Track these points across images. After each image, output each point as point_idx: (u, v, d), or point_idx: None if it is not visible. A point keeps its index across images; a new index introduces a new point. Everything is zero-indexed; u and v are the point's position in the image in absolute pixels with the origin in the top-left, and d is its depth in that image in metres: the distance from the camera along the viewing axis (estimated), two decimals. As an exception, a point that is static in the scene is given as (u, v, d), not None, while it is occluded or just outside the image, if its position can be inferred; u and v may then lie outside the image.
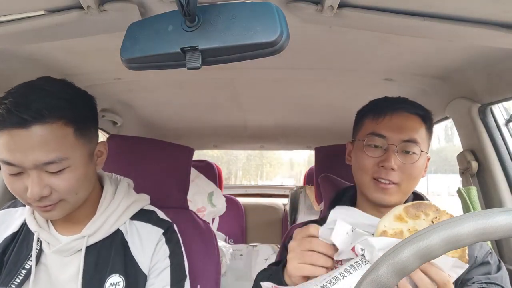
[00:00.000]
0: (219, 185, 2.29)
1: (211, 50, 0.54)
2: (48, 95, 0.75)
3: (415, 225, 0.64)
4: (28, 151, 0.72)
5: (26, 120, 0.71)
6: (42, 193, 0.75)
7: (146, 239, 0.91)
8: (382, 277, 0.45)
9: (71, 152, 0.77)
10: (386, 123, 0.89)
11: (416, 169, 0.87)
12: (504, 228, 0.42)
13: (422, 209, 0.66)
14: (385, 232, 0.64)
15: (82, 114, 0.80)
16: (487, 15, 0.67)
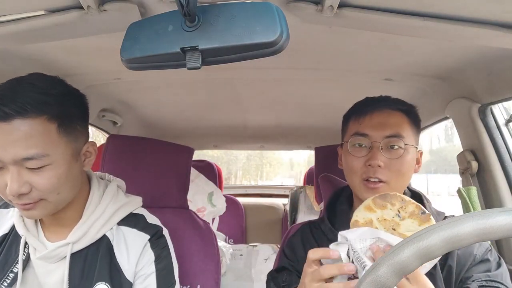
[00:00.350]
0: (219, 185, 2.29)
1: (211, 50, 0.54)
2: (34, 90, 0.74)
3: (382, 214, 0.69)
4: (8, 146, 0.71)
5: (7, 114, 0.70)
6: (21, 190, 0.72)
7: (132, 245, 0.87)
8: (382, 277, 0.45)
9: (52, 149, 0.74)
10: (367, 122, 0.90)
11: (404, 165, 0.87)
12: (504, 228, 0.42)
13: (388, 199, 0.70)
14: (357, 222, 0.70)
15: (68, 111, 0.78)
16: (487, 15, 0.67)
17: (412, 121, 0.92)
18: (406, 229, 0.67)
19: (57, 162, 0.75)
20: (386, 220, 0.68)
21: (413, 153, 0.90)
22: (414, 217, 0.68)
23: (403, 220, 0.68)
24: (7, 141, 0.71)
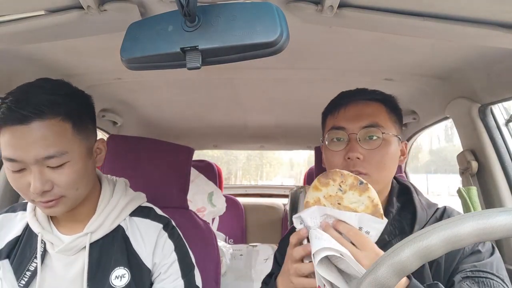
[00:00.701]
0: (219, 185, 2.29)
1: (211, 50, 0.54)
2: (46, 92, 0.79)
3: (327, 191, 0.72)
4: (29, 147, 0.75)
5: (26, 116, 0.74)
6: (44, 188, 0.77)
7: (146, 233, 0.93)
8: (382, 277, 0.45)
9: (70, 147, 0.79)
10: (342, 115, 0.88)
11: (385, 156, 0.84)
12: (504, 228, 0.42)
13: (330, 176, 0.73)
14: (308, 203, 0.73)
15: (79, 110, 0.83)
16: (487, 15, 0.67)
17: (390, 110, 0.89)
18: (349, 201, 0.70)
19: (74, 159, 0.80)
20: (331, 196, 0.72)
21: (395, 144, 0.87)
22: (354, 188, 0.70)
23: (345, 193, 0.71)
24: (28, 143, 0.75)
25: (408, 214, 0.85)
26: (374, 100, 0.89)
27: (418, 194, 0.90)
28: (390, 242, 0.82)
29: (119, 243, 0.90)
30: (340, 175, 0.72)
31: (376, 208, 0.69)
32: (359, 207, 0.69)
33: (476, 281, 0.74)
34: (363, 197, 0.69)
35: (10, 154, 0.76)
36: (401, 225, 0.84)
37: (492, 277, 0.74)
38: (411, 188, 0.91)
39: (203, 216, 1.90)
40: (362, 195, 0.70)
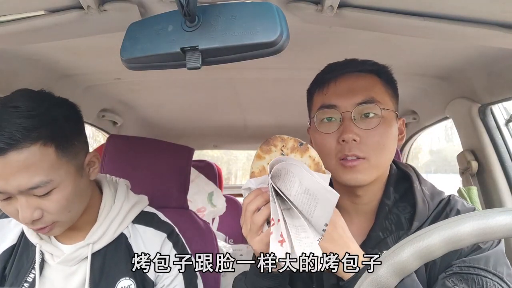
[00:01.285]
0: (219, 185, 2.29)
1: (211, 50, 0.54)
2: (21, 116, 0.69)
3: (270, 157, 0.70)
4: (9, 178, 0.69)
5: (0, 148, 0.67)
6: (33, 217, 0.72)
7: (149, 243, 0.90)
8: (382, 277, 0.45)
9: (55, 173, 0.72)
10: (333, 91, 0.76)
11: (383, 136, 0.73)
12: (504, 228, 0.42)
13: (271, 143, 0.71)
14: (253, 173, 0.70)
15: (62, 128, 0.75)
16: (486, 15, 0.67)
17: (385, 83, 0.78)
18: None
19: (62, 183, 0.74)
20: None
21: (393, 121, 0.76)
22: (295, 150, 0.69)
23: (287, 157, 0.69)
24: (8, 174, 0.69)
25: (407, 207, 0.75)
26: (366, 71, 0.78)
27: (421, 182, 0.79)
28: (384, 240, 0.74)
29: (123, 252, 0.87)
30: (280, 139, 0.71)
31: (318, 166, 0.67)
32: None
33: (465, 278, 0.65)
34: (305, 157, 0.68)
35: None
36: (398, 220, 0.75)
37: (486, 274, 0.64)
38: (412, 175, 0.79)
39: (203, 216, 1.90)
40: (303, 156, 0.68)
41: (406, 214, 0.75)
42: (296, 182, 0.62)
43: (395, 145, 0.77)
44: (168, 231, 0.93)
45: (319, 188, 0.61)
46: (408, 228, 0.73)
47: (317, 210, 0.62)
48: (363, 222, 0.81)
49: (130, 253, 0.88)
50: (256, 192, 0.66)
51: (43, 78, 0.97)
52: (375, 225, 0.77)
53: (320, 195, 0.61)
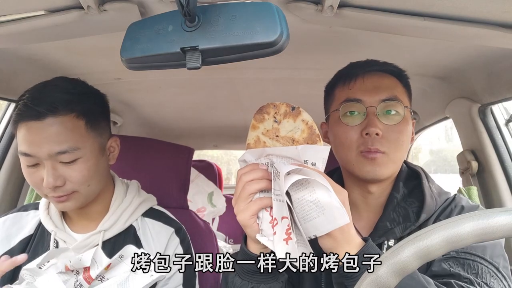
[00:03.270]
0: (219, 185, 2.29)
1: (211, 50, 0.54)
2: (61, 91, 0.82)
3: (264, 126, 0.68)
4: (43, 142, 0.78)
5: (40, 113, 0.78)
6: (56, 183, 0.79)
7: (157, 236, 0.94)
8: (382, 277, 0.45)
9: (82, 143, 0.81)
10: (359, 86, 0.79)
11: (403, 133, 0.77)
12: (504, 228, 0.42)
13: (264, 111, 0.69)
14: (249, 144, 0.69)
15: (93, 108, 0.86)
16: (487, 15, 0.67)
17: (404, 85, 0.83)
18: (285, 130, 0.67)
19: (87, 155, 0.82)
20: (268, 131, 0.68)
21: (410, 120, 0.80)
22: (288, 116, 0.68)
23: (280, 124, 0.68)
24: (41, 138, 0.78)
25: (415, 202, 0.79)
26: (389, 72, 0.82)
27: (429, 180, 0.83)
28: (392, 229, 0.76)
29: (131, 242, 0.90)
30: (273, 106, 0.69)
31: (312, 129, 0.66)
32: (295, 134, 0.67)
33: (461, 262, 0.68)
34: (298, 122, 0.67)
35: (25, 149, 0.79)
36: (405, 212, 0.78)
37: (481, 261, 0.67)
38: (421, 173, 0.83)
39: (203, 216, 1.90)
40: (296, 121, 0.67)
41: (414, 208, 0.78)
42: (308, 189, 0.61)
43: (409, 143, 0.81)
44: (176, 227, 0.97)
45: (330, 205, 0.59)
46: (415, 220, 0.76)
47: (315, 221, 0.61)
48: (372, 216, 0.83)
49: (137, 244, 0.91)
50: (252, 166, 0.66)
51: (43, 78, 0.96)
52: (383, 216, 0.79)
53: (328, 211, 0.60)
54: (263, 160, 0.67)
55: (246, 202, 0.66)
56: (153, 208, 1.00)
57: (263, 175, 0.65)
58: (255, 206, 0.65)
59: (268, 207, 0.65)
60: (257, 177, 0.65)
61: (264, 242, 0.63)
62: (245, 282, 0.69)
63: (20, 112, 0.80)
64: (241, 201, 0.66)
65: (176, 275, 0.92)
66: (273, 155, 0.66)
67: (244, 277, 0.70)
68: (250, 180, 0.65)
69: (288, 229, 0.61)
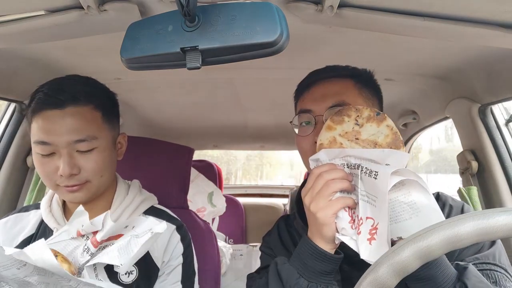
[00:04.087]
0: (219, 185, 2.29)
1: (211, 50, 0.54)
2: (80, 84, 0.87)
3: (343, 128, 0.69)
4: (62, 130, 0.81)
5: (62, 101, 0.81)
6: (73, 171, 0.81)
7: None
8: (382, 277, 0.45)
9: (99, 134, 0.85)
10: (309, 97, 0.82)
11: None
12: (504, 228, 0.42)
13: (344, 113, 0.70)
14: (322, 145, 0.70)
15: (108, 103, 0.91)
16: (487, 15, 0.67)
17: (361, 85, 0.82)
18: (367, 133, 0.68)
19: (102, 146, 0.86)
20: (347, 133, 0.69)
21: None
22: (371, 120, 0.68)
23: (362, 127, 0.68)
24: (61, 126, 0.81)
25: None
26: (341, 76, 0.82)
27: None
28: None
29: None
30: (354, 110, 0.70)
31: (396, 135, 0.66)
32: (378, 138, 0.67)
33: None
34: (382, 127, 0.67)
35: (43, 138, 0.81)
36: None
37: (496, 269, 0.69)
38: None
39: (203, 216, 1.90)
40: (380, 126, 0.67)
41: None
42: (402, 191, 0.61)
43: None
44: (177, 224, 0.98)
45: (428, 207, 0.60)
46: None
47: (406, 222, 0.61)
48: None
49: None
50: (332, 166, 0.67)
51: (43, 78, 0.97)
52: None
53: (424, 212, 0.60)
54: (338, 161, 0.67)
55: (327, 200, 0.65)
56: (154, 207, 1.01)
57: (344, 175, 0.66)
58: (339, 204, 0.65)
59: (348, 207, 0.65)
60: (339, 176, 0.66)
61: (346, 241, 0.63)
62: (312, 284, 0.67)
63: (39, 102, 0.82)
64: (323, 198, 0.65)
65: (175, 271, 0.93)
66: (353, 156, 0.66)
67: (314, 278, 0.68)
68: (332, 179, 0.65)
69: (372, 229, 0.60)
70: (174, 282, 0.92)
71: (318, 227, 0.67)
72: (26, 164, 1.32)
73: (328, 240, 0.67)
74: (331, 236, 0.66)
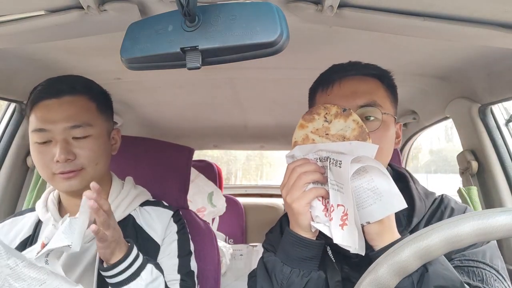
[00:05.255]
0: (219, 185, 2.29)
1: (211, 50, 0.54)
2: (77, 77, 0.94)
3: (314, 125, 0.74)
4: (59, 117, 0.85)
5: (60, 90, 0.86)
6: (68, 156, 0.84)
7: (158, 218, 0.99)
8: (382, 277, 0.45)
9: (94, 121, 0.89)
10: (336, 92, 0.79)
11: (382, 139, 0.76)
12: (504, 228, 0.42)
13: (314, 112, 0.75)
14: (296, 142, 0.75)
15: (102, 97, 0.95)
16: (487, 15, 0.67)
17: (387, 88, 0.81)
18: (336, 128, 0.73)
19: (97, 133, 0.89)
20: (318, 129, 0.74)
21: (393, 126, 0.79)
22: (339, 116, 0.73)
23: (331, 123, 0.73)
24: (57, 113, 0.85)
25: None
26: (370, 75, 0.81)
27: (415, 182, 0.83)
28: None
29: (129, 231, 0.94)
30: (323, 108, 0.75)
31: (362, 128, 0.71)
32: (346, 132, 0.72)
33: (466, 270, 0.68)
34: (349, 121, 0.72)
35: (40, 125, 0.84)
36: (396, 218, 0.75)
37: (484, 267, 0.68)
38: (407, 175, 0.84)
39: (203, 216, 1.90)
40: (347, 121, 0.72)
41: (404, 211, 0.77)
42: (365, 178, 0.65)
43: (392, 148, 0.81)
44: (173, 210, 1.04)
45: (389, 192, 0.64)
46: (407, 225, 0.77)
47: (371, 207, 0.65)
48: None
49: (138, 232, 0.96)
50: (305, 160, 0.72)
51: (43, 78, 0.97)
52: None
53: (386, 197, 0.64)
54: (311, 156, 0.73)
55: (301, 191, 0.70)
56: (149, 200, 1.05)
57: (316, 168, 0.70)
58: (311, 194, 0.69)
59: (320, 196, 0.70)
60: (311, 169, 0.70)
61: (320, 228, 0.68)
62: (295, 270, 0.71)
63: (38, 93, 0.87)
64: (296, 190, 0.70)
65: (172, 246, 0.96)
66: (324, 150, 0.71)
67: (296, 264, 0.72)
68: (304, 172, 0.70)
69: (343, 215, 0.65)
70: (171, 257, 0.96)
71: (295, 217, 0.71)
72: (26, 164, 1.32)
73: (305, 229, 0.71)
74: (307, 225, 0.70)
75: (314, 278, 0.71)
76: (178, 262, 0.96)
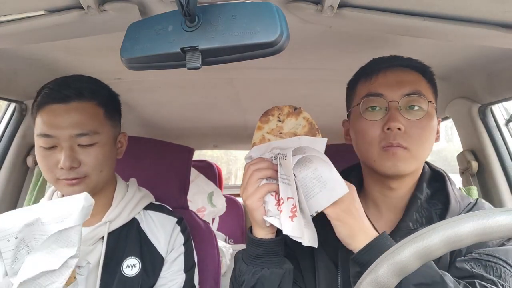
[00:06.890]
0: (219, 185, 2.29)
1: (211, 50, 0.54)
2: (85, 81, 0.91)
3: (269, 126, 0.77)
4: (66, 124, 0.83)
5: (67, 96, 0.84)
6: (73, 164, 0.83)
7: (161, 226, 0.99)
8: (382, 277, 0.45)
9: (100, 129, 0.88)
10: (381, 81, 0.78)
11: (425, 130, 0.75)
12: (504, 228, 0.42)
13: (269, 113, 0.78)
14: (254, 143, 0.77)
15: (110, 101, 0.94)
16: (487, 15, 0.67)
17: (428, 80, 0.81)
18: (288, 127, 0.76)
19: (103, 141, 0.88)
20: (272, 129, 0.77)
21: (435, 116, 0.78)
22: (291, 115, 0.77)
23: (283, 122, 0.77)
24: (64, 120, 0.83)
25: (438, 204, 0.77)
26: (413, 67, 0.80)
27: (452, 183, 0.82)
28: (414, 230, 0.74)
29: (134, 234, 0.94)
30: (277, 109, 0.78)
31: (312, 124, 0.75)
32: (297, 129, 0.75)
33: (483, 264, 0.67)
34: (299, 119, 0.76)
35: (46, 130, 0.83)
36: (429, 214, 0.76)
37: (504, 264, 0.66)
38: (445, 175, 0.82)
39: (203, 216, 1.90)
40: (298, 118, 0.76)
41: (437, 210, 0.77)
42: (310, 168, 0.67)
43: (433, 141, 0.79)
44: (178, 217, 1.03)
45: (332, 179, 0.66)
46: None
47: (317, 196, 0.67)
48: (392, 216, 0.82)
49: (141, 236, 0.96)
50: (259, 159, 0.74)
51: (43, 78, 0.97)
52: (406, 216, 0.78)
53: (330, 184, 0.66)
54: (267, 155, 0.75)
55: (254, 187, 0.71)
56: (153, 203, 1.04)
57: (269, 165, 0.72)
58: (264, 189, 0.71)
59: (273, 191, 0.72)
60: (264, 166, 0.72)
61: (271, 221, 0.70)
62: (250, 268, 0.74)
63: (45, 96, 0.85)
64: (250, 186, 0.72)
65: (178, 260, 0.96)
66: (278, 147, 0.73)
67: (250, 262, 0.74)
68: (257, 169, 0.72)
69: (293, 208, 0.67)
70: (178, 270, 0.95)
71: (251, 213, 0.73)
72: (26, 164, 1.32)
73: (260, 224, 0.72)
74: (261, 220, 0.71)
75: (265, 275, 0.72)
76: (185, 278, 0.96)
